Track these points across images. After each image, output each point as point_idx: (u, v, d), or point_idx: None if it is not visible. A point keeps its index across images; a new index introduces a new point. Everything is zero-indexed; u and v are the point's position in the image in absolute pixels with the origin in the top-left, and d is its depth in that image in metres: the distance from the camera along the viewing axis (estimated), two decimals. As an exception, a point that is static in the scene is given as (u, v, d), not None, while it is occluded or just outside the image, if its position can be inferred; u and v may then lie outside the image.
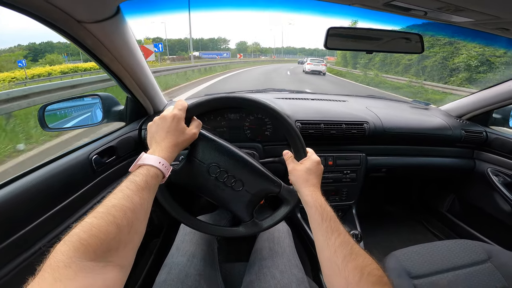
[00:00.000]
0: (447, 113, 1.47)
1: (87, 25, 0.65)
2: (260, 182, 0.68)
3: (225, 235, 0.71)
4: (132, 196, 0.42)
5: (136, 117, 1.09)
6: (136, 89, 0.96)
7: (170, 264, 0.75)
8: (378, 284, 0.43)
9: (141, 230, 0.44)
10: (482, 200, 1.42)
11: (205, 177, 0.65)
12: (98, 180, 0.86)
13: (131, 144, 1.02)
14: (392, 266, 0.91)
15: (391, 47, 0.93)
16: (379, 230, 1.71)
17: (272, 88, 1.71)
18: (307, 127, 1.14)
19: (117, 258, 0.37)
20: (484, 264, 0.91)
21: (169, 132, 0.57)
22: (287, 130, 0.69)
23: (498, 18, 0.60)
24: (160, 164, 0.51)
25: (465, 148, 1.40)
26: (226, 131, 1.13)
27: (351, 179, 1.25)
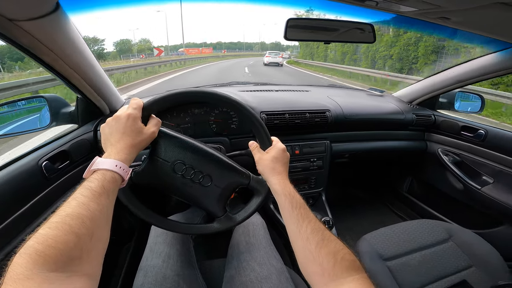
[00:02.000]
0: (400, 99, 1.58)
1: (21, 23, 0.59)
2: (228, 176, 0.67)
3: (199, 232, 0.70)
4: (89, 203, 0.40)
5: (90, 118, 1.02)
6: (86, 89, 0.89)
7: (146, 267, 0.73)
8: (352, 268, 0.44)
9: (104, 236, 0.43)
10: (436, 179, 1.53)
11: (171, 176, 0.63)
12: (52, 187, 0.79)
13: (86, 147, 0.95)
14: (364, 250, 0.95)
15: (347, 37, 0.97)
16: (349, 215, 1.78)
17: (236, 82, 1.70)
18: (272, 117, 1.16)
19: (82, 267, 0.36)
20: (447, 243, 0.99)
21: (125, 133, 0.55)
22: (251, 120, 0.69)
23: (439, 7, 0.66)
24: (117, 167, 0.49)
25: (416, 131, 1.51)
26: (191, 126, 1.10)
27: (318, 167, 1.29)
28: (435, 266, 0.91)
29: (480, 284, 0.85)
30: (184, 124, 1.09)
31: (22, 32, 0.61)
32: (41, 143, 0.84)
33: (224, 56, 36.38)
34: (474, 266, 0.91)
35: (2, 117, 0.86)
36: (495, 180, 1.23)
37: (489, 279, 0.87)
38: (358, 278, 0.43)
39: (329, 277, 0.44)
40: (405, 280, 0.86)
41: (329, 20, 0.95)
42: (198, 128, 1.11)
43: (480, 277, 0.88)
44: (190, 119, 1.10)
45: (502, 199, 1.16)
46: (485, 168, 1.27)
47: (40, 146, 0.83)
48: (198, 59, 25.40)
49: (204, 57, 29.40)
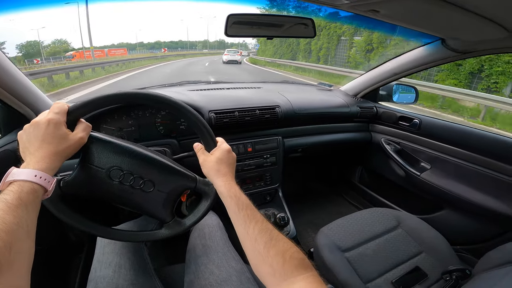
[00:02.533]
0: (346, 92, 1.66)
1: None
2: (172, 179, 0.64)
3: (146, 239, 0.67)
4: (3, 216, 0.38)
5: (14, 126, 0.91)
6: (3, 95, 0.79)
7: (96, 279, 0.70)
8: (301, 266, 0.45)
9: (26, 249, 0.40)
10: (382, 168, 1.62)
11: (107, 183, 0.58)
12: None
13: (11, 158, 0.84)
14: (323, 243, 0.96)
15: (291, 32, 0.98)
16: (308, 209, 1.82)
17: (187, 81, 1.65)
18: (222, 116, 1.13)
19: (5, 280, 0.35)
20: (397, 230, 1.04)
21: (44, 140, 0.50)
22: (192, 121, 0.66)
23: (367, 0, 0.69)
24: (37, 177, 0.45)
25: (361, 122, 1.60)
26: (135, 130, 1.04)
27: (271, 163, 1.30)
28: (389, 254, 0.95)
29: (432, 270, 0.90)
30: (127, 127, 1.02)
31: None
32: None
33: (165, 57, 28.20)
34: (424, 252, 0.97)
35: None
36: (432, 166, 1.33)
37: (439, 264, 0.92)
38: (308, 276, 0.44)
39: (280, 276, 0.44)
40: (363, 270, 0.89)
41: (273, 16, 0.95)
42: (143, 131, 1.05)
43: (431, 262, 0.93)
44: (134, 122, 1.03)
45: (440, 184, 1.25)
46: (422, 155, 1.37)
47: None
48: (136, 62, 18.58)
49: (138, 59, 20.84)
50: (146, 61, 21.26)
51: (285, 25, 0.97)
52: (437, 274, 0.89)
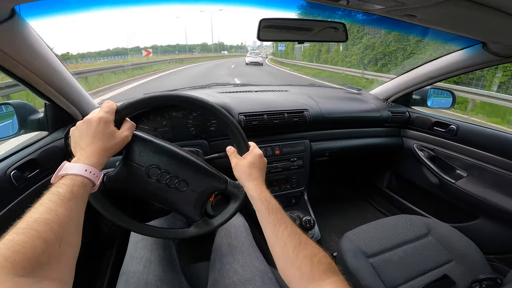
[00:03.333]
0: (376, 96, 1.62)
1: None
2: (204, 180, 0.66)
3: (176, 237, 0.70)
4: (56, 209, 0.40)
5: (61, 125, 0.98)
6: (53, 94, 0.86)
7: (127, 273, 0.73)
8: (328, 271, 0.45)
9: (74, 242, 0.42)
10: (413, 174, 1.56)
11: (145, 180, 0.62)
12: (22, 197, 0.77)
13: (57, 154, 0.92)
14: (347, 247, 0.95)
15: (321, 36, 0.98)
16: (333, 213, 1.80)
17: (216, 83, 1.69)
18: (251, 119, 1.16)
19: (52, 272, 0.35)
20: (426, 238, 1.00)
21: (95, 137, 0.53)
22: (227, 125, 0.68)
23: (403, 5, 0.68)
24: (87, 172, 0.48)
25: (392, 127, 1.56)
26: (169, 130, 1.09)
27: (298, 166, 1.30)
28: (416, 261, 0.92)
29: (461, 278, 0.87)
30: (161, 127, 1.07)
31: None
32: (8, 152, 0.81)
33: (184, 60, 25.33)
34: (454, 260, 0.93)
35: None
36: (469, 173, 1.26)
37: (469, 273, 0.88)
38: (335, 280, 0.44)
39: (308, 280, 0.45)
40: (388, 276, 0.87)
41: (302, 20, 0.96)
42: (176, 131, 1.10)
43: (460, 271, 0.90)
44: (168, 122, 1.08)
45: (476, 192, 1.19)
46: (458, 162, 1.31)
47: (8, 155, 0.79)
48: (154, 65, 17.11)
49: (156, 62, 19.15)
50: (166, 64, 20.80)
51: (314, 29, 0.97)
52: (466, 283, 0.85)
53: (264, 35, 0.88)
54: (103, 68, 11.30)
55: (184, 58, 27.59)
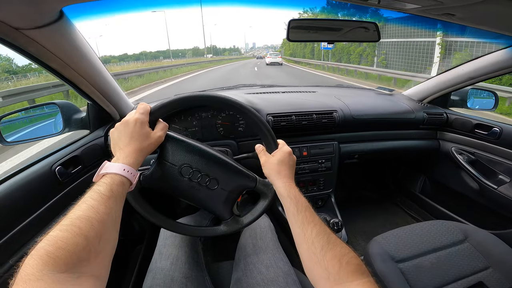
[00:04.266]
0: (410, 97, 1.55)
1: (27, 32, 0.61)
2: (234, 179, 0.67)
3: (206, 235, 0.71)
4: (98, 207, 0.42)
5: (101, 124, 1.05)
6: (96, 95, 0.92)
7: (155, 270, 0.75)
8: (357, 272, 0.44)
9: (112, 239, 0.44)
10: (450, 179, 1.49)
11: (178, 179, 0.64)
12: (65, 191, 0.83)
13: (98, 152, 0.98)
14: (375, 252, 0.93)
15: (351, 36, 0.97)
16: (360, 216, 1.75)
17: (243, 84, 1.72)
18: (279, 119, 1.16)
19: (90, 269, 0.37)
20: (463, 244, 0.95)
21: (133, 137, 0.56)
22: (256, 123, 0.69)
23: (442, 4, 0.65)
24: (125, 171, 0.50)
25: (428, 129, 1.48)
26: (198, 130, 1.12)
27: (326, 168, 1.29)
28: (449, 267, 0.88)
29: (498, 286, 0.82)
30: (192, 127, 1.11)
31: (29, 40, 0.63)
32: (54, 149, 0.87)
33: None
34: (491, 267, 0.88)
35: (17, 123, 0.90)
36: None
37: (507, 281, 0.84)
38: (364, 282, 0.43)
39: (335, 281, 0.44)
40: (418, 282, 0.84)
41: (332, 20, 0.95)
42: (205, 132, 1.13)
43: (497, 278, 0.85)
44: (198, 122, 1.12)
45: None
46: (500, 167, 1.22)
47: (53, 152, 0.86)
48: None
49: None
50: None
51: (344, 29, 0.96)
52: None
53: (293, 35, 0.89)
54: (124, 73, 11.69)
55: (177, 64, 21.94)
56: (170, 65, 20.05)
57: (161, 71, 14.72)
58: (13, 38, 0.61)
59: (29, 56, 0.68)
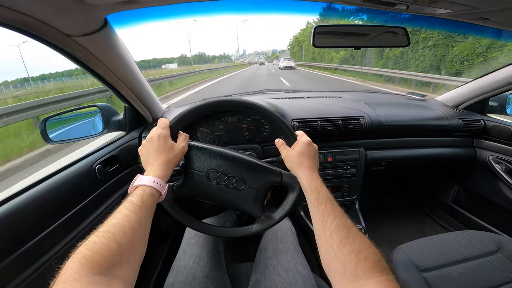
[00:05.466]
0: (444, 103, 1.48)
1: (77, 39, 0.67)
2: (260, 176, 0.69)
3: (243, 235, 0.72)
4: (130, 216, 0.46)
5: (135, 126, 1.12)
6: (133, 99, 0.98)
7: (178, 267, 0.78)
8: (375, 269, 0.42)
9: (141, 246, 0.47)
10: (487, 189, 1.41)
11: (207, 184, 0.67)
12: (103, 188, 0.89)
13: (132, 152, 1.05)
14: (400, 260, 0.90)
15: (378, 41, 0.95)
16: (384, 224, 1.70)
17: (267, 89, 1.73)
18: (304, 125, 1.16)
19: (120, 272, 0.40)
20: (495, 255, 0.91)
21: (159, 151, 0.61)
22: (272, 119, 0.70)
23: (475, 8, 0.62)
24: (155, 183, 0.54)
25: (464, 137, 1.40)
26: (225, 134, 1.15)
27: (351, 174, 1.26)
28: (479, 278, 0.84)
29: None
30: (218, 131, 1.14)
31: (78, 47, 0.70)
32: (94, 149, 0.95)
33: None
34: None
35: (61, 124, 0.97)
36: None
37: None
38: (382, 280, 0.41)
39: (351, 277, 0.43)
40: None
41: (358, 26, 0.94)
42: (231, 135, 1.15)
43: None
44: (224, 126, 1.14)
45: None
46: None
47: (93, 151, 0.93)
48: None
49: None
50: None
51: (370, 34, 0.94)
52: None
53: (319, 41, 0.89)
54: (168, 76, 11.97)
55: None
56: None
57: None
58: (65, 44, 0.68)
59: (78, 61, 0.75)
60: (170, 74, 13.68)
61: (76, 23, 0.64)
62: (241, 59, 67.72)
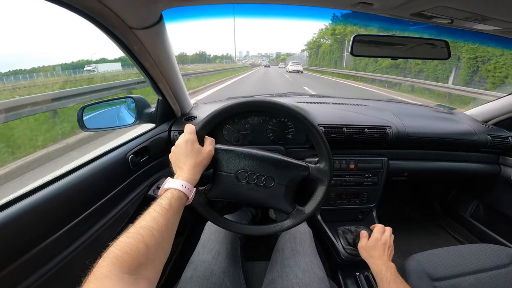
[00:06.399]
0: (473, 118, 1.45)
1: (136, 31, 0.71)
2: (287, 172, 0.71)
3: (277, 231, 0.74)
4: (158, 218, 0.48)
5: (165, 119, 1.15)
6: (168, 93, 1.01)
7: (196, 262, 0.80)
8: None
9: (166, 248, 0.50)
10: (510, 206, 1.38)
11: (237, 185, 0.69)
12: (133, 178, 0.92)
13: (162, 144, 1.08)
14: (413, 268, 0.91)
15: (416, 53, 0.94)
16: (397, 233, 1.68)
17: (292, 92, 1.73)
18: (330, 130, 1.16)
19: (146, 273, 0.42)
20: (507, 268, 0.90)
21: (187, 156, 0.63)
22: (310, 131, 0.72)
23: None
24: (183, 187, 0.57)
25: (490, 153, 1.38)
26: (250, 133, 1.16)
27: (372, 183, 1.26)
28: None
29: None
30: (244, 130, 1.15)
31: (135, 40, 0.74)
32: (128, 139, 0.98)
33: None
34: None
35: (97, 113, 1.01)
36: None
37: None
38: None
39: None
40: None
41: (397, 37, 0.93)
42: (256, 135, 1.16)
43: None
44: (249, 126, 1.15)
45: None
46: None
47: (127, 141, 0.97)
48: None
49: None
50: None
51: (407, 44, 0.93)
52: None
53: (357, 50, 0.90)
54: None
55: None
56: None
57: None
58: (126, 36, 0.72)
59: (131, 54, 0.79)
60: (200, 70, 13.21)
61: (139, 16, 0.68)
62: (243, 61, 66.93)
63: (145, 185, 1.00)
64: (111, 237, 0.85)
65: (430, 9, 0.65)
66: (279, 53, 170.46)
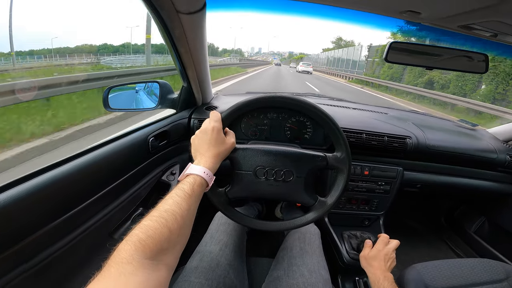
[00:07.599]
0: (494, 136, 1.43)
1: (181, 16, 0.70)
2: (305, 164, 0.70)
3: (301, 225, 0.74)
4: (181, 203, 0.47)
5: (186, 107, 1.15)
6: (194, 80, 1.01)
7: (203, 252, 0.79)
8: None
9: (187, 233, 0.49)
10: None
11: (256, 182, 0.69)
12: (151, 160, 0.93)
13: (181, 130, 1.08)
14: (412, 278, 0.92)
15: (451, 64, 0.92)
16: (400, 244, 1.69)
17: (311, 93, 1.71)
18: (349, 135, 1.14)
19: (166, 258, 0.41)
20: (501, 283, 0.91)
21: (211, 144, 0.62)
22: (328, 124, 0.73)
23: None
24: (205, 173, 0.56)
25: (506, 173, 1.35)
26: (267, 129, 1.14)
27: (384, 191, 1.24)
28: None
29: None
30: (261, 125, 1.14)
31: (179, 24, 0.73)
32: (149, 122, 0.98)
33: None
34: None
35: (123, 94, 1.03)
36: None
37: None
38: None
39: None
40: None
41: (434, 46, 0.90)
42: (273, 132, 1.14)
43: None
44: (268, 121, 1.14)
45: None
46: None
47: (149, 124, 0.97)
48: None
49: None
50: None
51: (443, 55, 0.90)
52: None
53: (392, 57, 0.88)
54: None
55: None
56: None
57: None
58: (171, 19, 0.72)
59: (170, 38, 0.79)
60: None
61: (188, 0, 0.67)
62: (254, 57, 65.71)
63: (160, 169, 1.01)
64: (121, 219, 0.85)
65: (481, 22, 0.62)
66: (291, 52, 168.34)
